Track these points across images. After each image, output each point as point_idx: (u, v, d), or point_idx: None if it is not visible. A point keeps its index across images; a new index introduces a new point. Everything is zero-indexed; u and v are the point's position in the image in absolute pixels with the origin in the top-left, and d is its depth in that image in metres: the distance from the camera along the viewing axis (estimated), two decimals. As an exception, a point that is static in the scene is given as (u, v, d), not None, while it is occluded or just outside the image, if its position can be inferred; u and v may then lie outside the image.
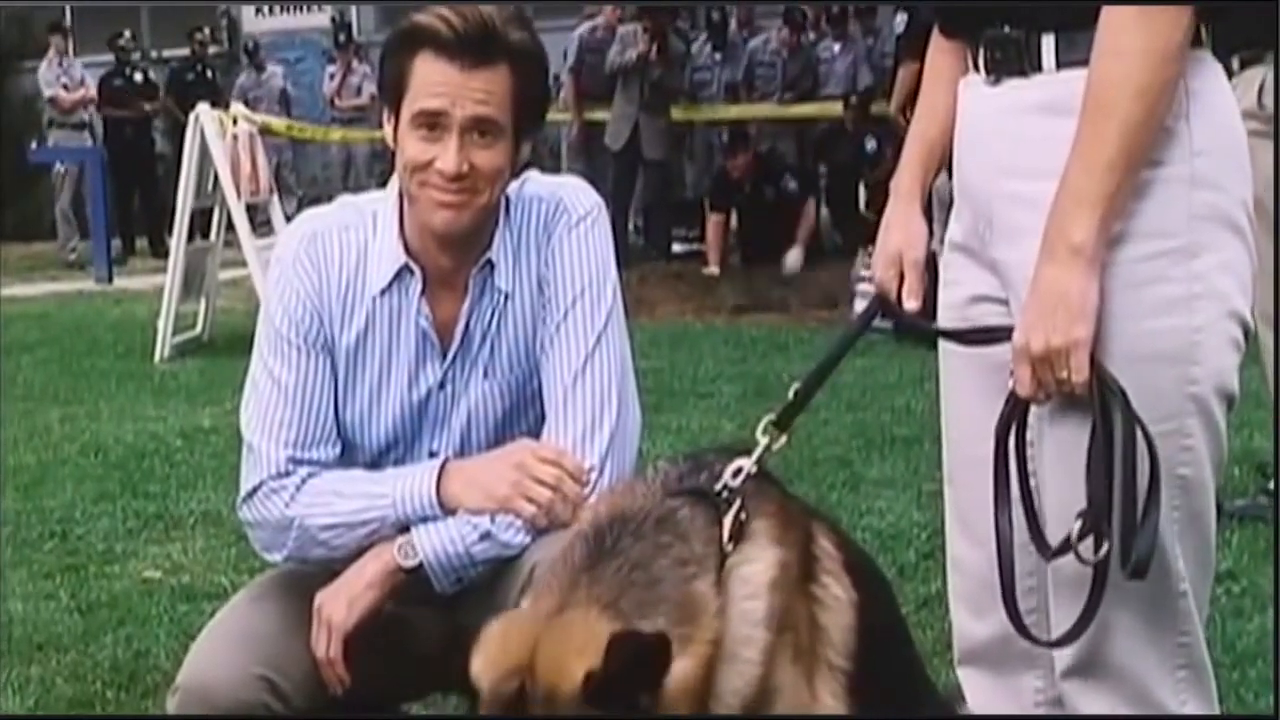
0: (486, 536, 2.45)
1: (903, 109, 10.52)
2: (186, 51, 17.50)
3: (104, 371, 8.86)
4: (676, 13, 14.66)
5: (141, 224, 16.52)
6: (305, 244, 2.58)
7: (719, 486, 2.22)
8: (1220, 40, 2.12)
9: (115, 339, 10.10)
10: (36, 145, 18.80)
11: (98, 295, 13.11)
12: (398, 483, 2.50)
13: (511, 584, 2.41)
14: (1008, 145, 2.15)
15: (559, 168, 13.18)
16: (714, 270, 12.12)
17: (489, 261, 2.55)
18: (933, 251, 2.41)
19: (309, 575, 2.58)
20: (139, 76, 16.94)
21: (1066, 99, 2.05)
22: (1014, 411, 2.15)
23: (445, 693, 3.09)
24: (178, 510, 5.52)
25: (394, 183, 2.58)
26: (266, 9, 20.21)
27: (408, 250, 2.55)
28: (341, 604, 2.47)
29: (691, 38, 14.65)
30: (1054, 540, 2.11)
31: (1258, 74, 4.43)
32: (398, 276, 2.55)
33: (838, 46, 14.52)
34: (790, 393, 2.36)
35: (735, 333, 9.73)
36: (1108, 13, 2.01)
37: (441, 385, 2.59)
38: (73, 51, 20.05)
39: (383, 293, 2.56)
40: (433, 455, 2.59)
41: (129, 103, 16.52)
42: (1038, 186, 2.06)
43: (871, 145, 11.36)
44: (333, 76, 17.23)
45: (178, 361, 9.15)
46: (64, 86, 16.11)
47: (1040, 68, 2.11)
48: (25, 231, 17.36)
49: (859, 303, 9.43)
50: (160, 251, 14.37)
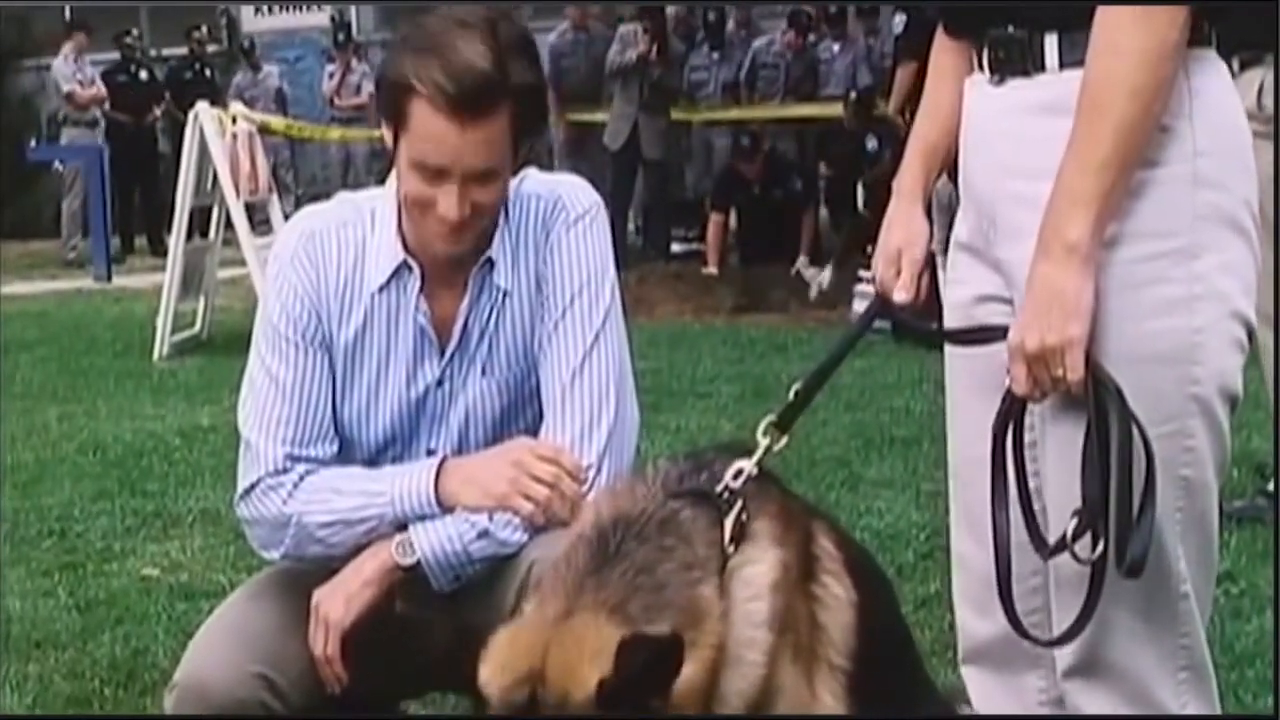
0: (484, 535, 2.45)
1: (901, 109, 10.53)
2: (185, 50, 17.50)
3: (103, 370, 8.86)
4: (680, 14, 14.66)
5: (141, 222, 16.52)
6: (303, 241, 2.57)
7: (720, 488, 2.22)
8: (1220, 42, 2.12)
9: (114, 337, 10.10)
10: (36, 143, 18.84)
11: (96, 294, 13.11)
12: (396, 481, 2.49)
13: (510, 582, 2.41)
14: (1011, 145, 2.15)
15: (552, 168, 13.15)
16: (713, 270, 12.11)
17: (489, 260, 2.54)
18: (931, 252, 2.41)
19: (306, 573, 2.57)
20: (144, 74, 16.92)
21: (1070, 99, 2.04)
22: (1011, 410, 2.15)
23: (444, 692, 3.09)
24: (176, 508, 5.52)
25: (393, 179, 2.56)
26: (265, 8, 20.20)
27: (406, 247, 2.53)
28: (339, 602, 2.46)
29: (699, 39, 14.62)
30: (1054, 539, 2.11)
31: (1257, 75, 4.43)
32: (396, 273, 2.54)
33: (837, 47, 14.52)
34: (790, 393, 2.35)
35: (734, 333, 9.73)
36: (1104, 11, 2.01)
37: (439, 383, 2.58)
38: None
39: (381, 289, 2.55)
40: (430, 453, 2.59)
41: (133, 100, 16.48)
42: (1041, 186, 2.06)
43: (872, 145, 11.35)
44: (332, 75, 17.22)
45: (176, 360, 9.15)
46: (79, 83, 16.09)
47: (1044, 67, 2.11)
48: (24, 230, 17.35)
49: (858, 303, 9.44)
50: (159, 250, 14.36)
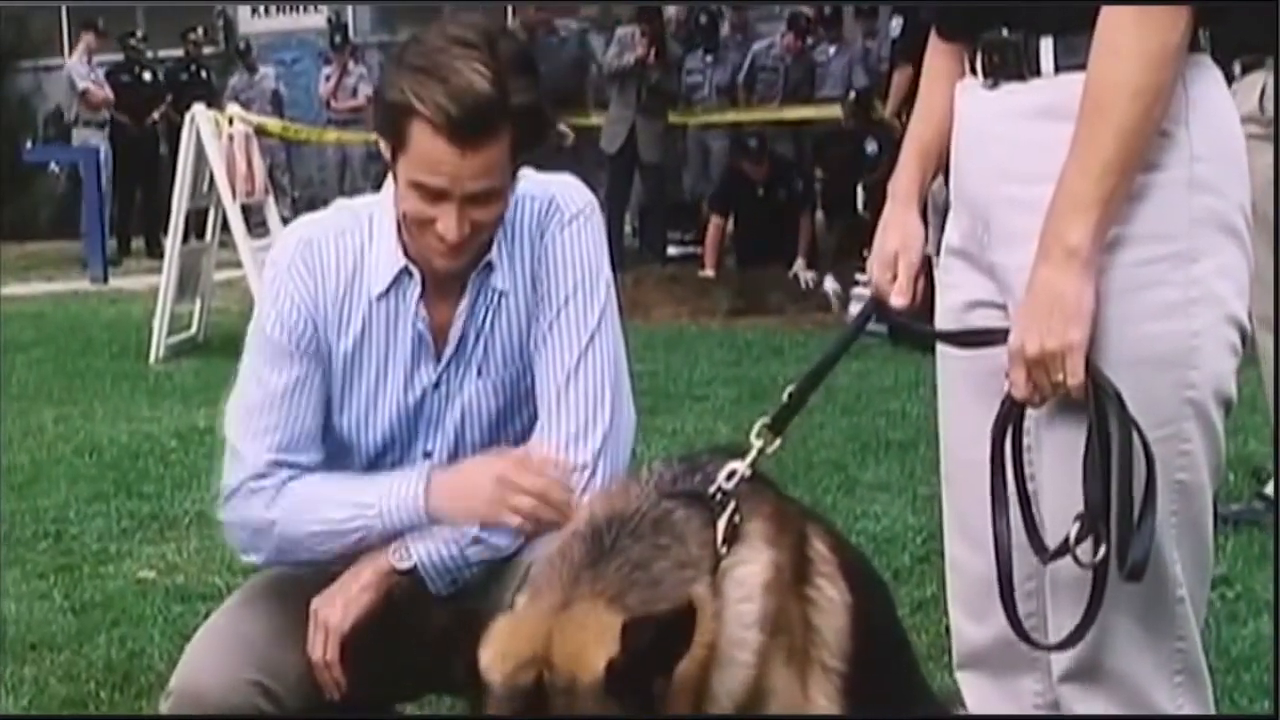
0: (479, 541, 2.46)
1: (898, 112, 10.53)
2: (181, 52, 17.48)
3: (99, 371, 8.85)
4: (679, 16, 14.65)
5: (138, 224, 16.50)
6: (301, 249, 2.56)
7: (713, 489, 2.22)
8: (1221, 45, 2.12)
9: (110, 339, 10.09)
10: (32, 144, 18.83)
11: (93, 295, 13.09)
12: (384, 493, 2.49)
13: (508, 584, 2.41)
14: (1006, 149, 2.14)
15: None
16: (710, 273, 12.11)
17: (489, 263, 2.54)
18: (927, 255, 2.41)
19: (302, 579, 2.57)
20: (147, 76, 16.90)
21: (1065, 103, 2.04)
22: (1009, 414, 2.15)
23: (440, 695, 3.09)
24: (172, 510, 5.51)
25: (389, 185, 2.55)
26: (262, 9, 20.19)
27: (407, 253, 2.53)
28: (337, 607, 2.47)
29: (697, 42, 14.61)
30: (1053, 543, 2.11)
31: (1259, 79, 4.44)
32: (396, 280, 2.53)
33: (833, 49, 14.52)
34: (785, 395, 2.35)
35: (730, 336, 9.73)
36: (1105, 14, 2.00)
37: (436, 386, 2.58)
38: (68, 51, 20.06)
39: (380, 296, 2.54)
40: (427, 455, 2.59)
41: (136, 102, 16.46)
42: (1036, 191, 2.06)
43: (872, 148, 11.34)
44: (328, 78, 17.21)
45: (173, 362, 9.14)
46: (93, 83, 16.07)
47: (1039, 71, 2.11)
48: (20, 231, 17.33)
49: (854, 306, 9.44)
50: (156, 252, 14.35)
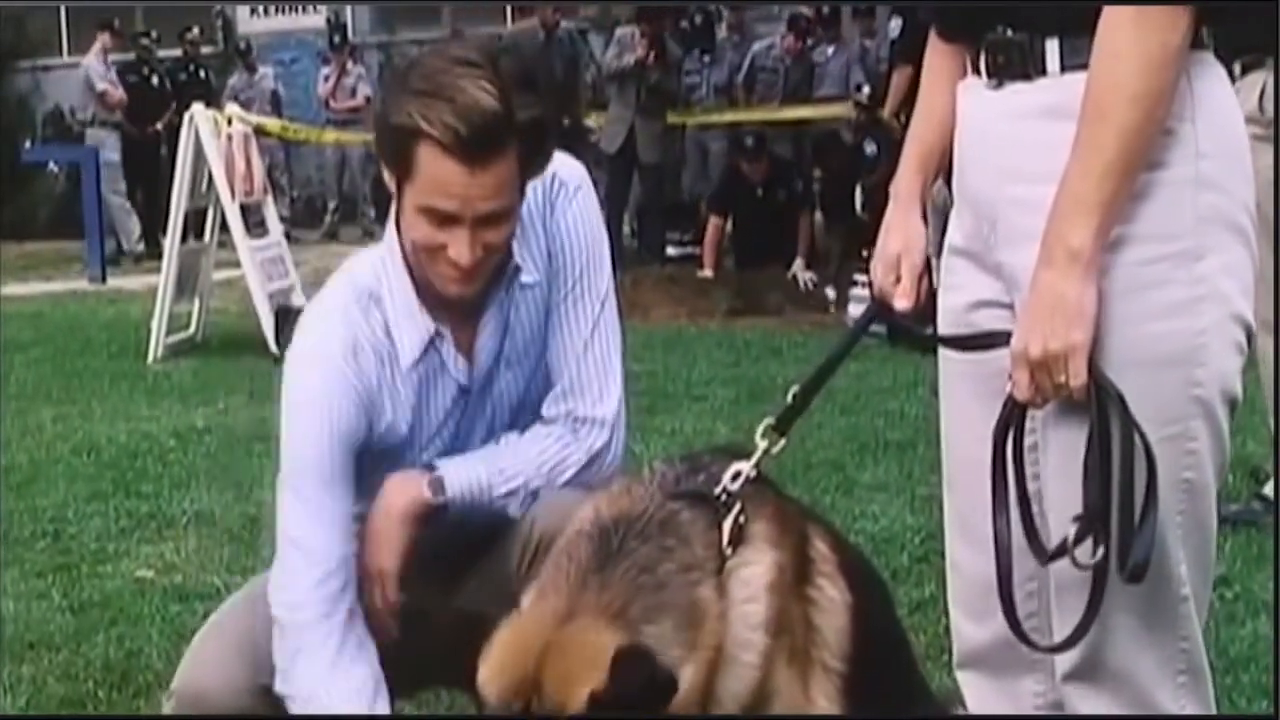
0: (510, 493, 2.53)
1: (897, 113, 10.52)
2: (179, 52, 17.47)
3: (97, 371, 8.85)
4: (675, 16, 14.64)
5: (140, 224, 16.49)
6: (346, 363, 2.47)
7: (718, 490, 2.22)
8: (1221, 45, 2.11)
9: (109, 339, 10.08)
10: (31, 144, 18.83)
11: (91, 295, 13.08)
12: None
13: (513, 550, 2.46)
14: (1012, 149, 2.14)
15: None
16: (708, 273, 12.10)
17: (515, 267, 2.54)
18: (928, 256, 2.41)
19: None
20: (155, 79, 16.87)
21: (1071, 102, 2.04)
22: (1011, 415, 2.15)
23: (438, 693, 3.09)
24: (170, 510, 5.50)
25: (391, 241, 2.51)
26: (261, 10, 20.19)
27: (432, 314, 2.51)
28: (383, 551, 2.48)
29: (691, 43, 14.60)
30: (1055, 544, 2.10)
31: (1259, 79, 4.44)
32: (428, 347, 2.52)
33: (831, 49, 14.52)
34: (789, 396, 2.35)
35: (729, 336, 9.73)
36: (1105, 16, 2.00)
37: (468, 407, 2.59)
38: (67, 51, 20.08)
39: (415, 363, 2.52)
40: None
41: (143, 102, 16.45)
42: (1043, 190, 2.05)
43: (871, 149, 11.34)
44: (327, 78, 17.21)
45: (171, 362, 9.14)
46: (110, 83, 16.06)
47: (1044, 71, 2.11)
48: (19, 230, 17.32)
49: (854, 307, 9.43)
50: (154, 252, 14.35)
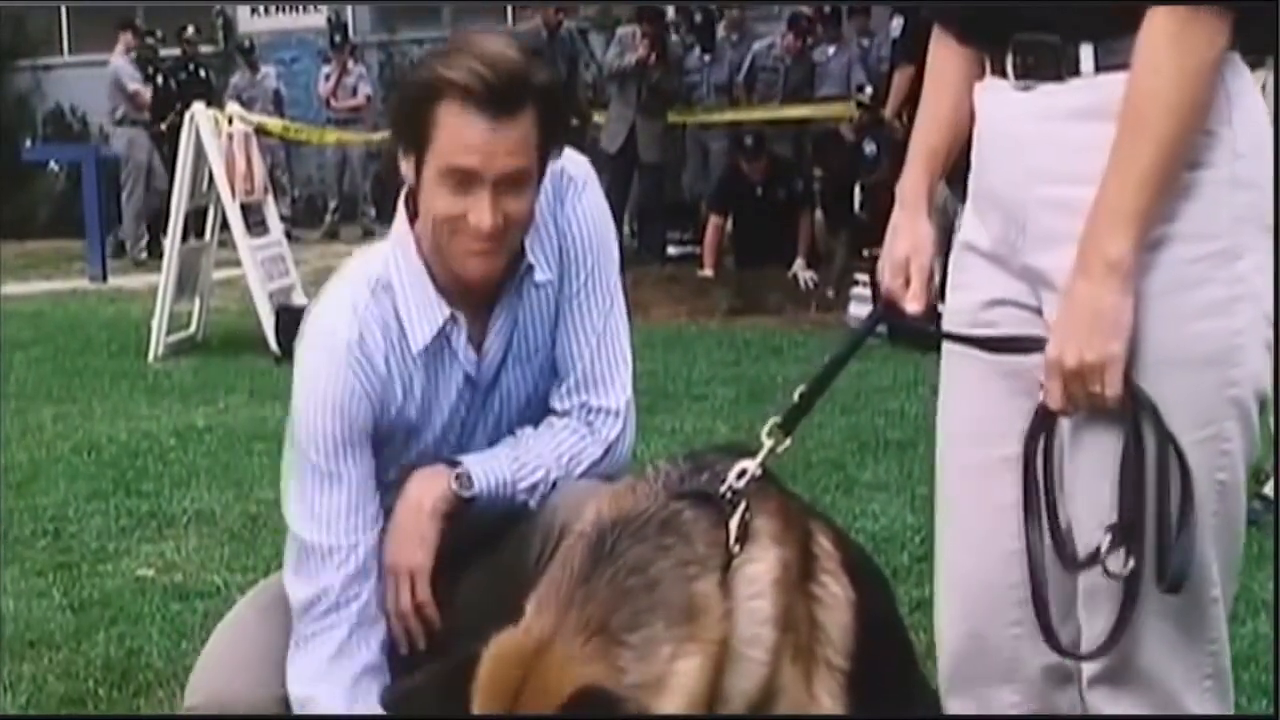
0: (533, 486, 2.55)
1: (898, 113, 10.52)
2: (178, 52, 17.46)
3: (98, 370, 8.85)
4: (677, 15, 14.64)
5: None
6: (354, 350, 2.49)
7: (723, 488, 2.22)
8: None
9: (109, 338, 10.08)
10: (31, 144, 18.82)
11: (92, 294, 13.08)
12: None
13: (534, 542, 2.47)
14: (1044, 150, 2.12)
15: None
16: (709, 273, 12.10)
17: (529, 265, 2.55)
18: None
19: None
20: (160, 78, 16.84)
21: (1106, 103, 2.03)
22: (1042, 425, 2.14)
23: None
24: (171, 509, 5.51)
25: (401, 230, 2.53)
26: (262, 9, 20.19)
27: (445, 298, 2.52)
28: (413, 547, 2.48)
29: (689, 42, 14.60)
30: (1082, 552, 2.10)
31: (1258, 78, 4.44)
32: (443, 329, 2.53)
33: (832, 49, 14.51)
34: (796, 395, 2.35)
35: (729, 335, 9.73)
36: (1146, 29, 1.99)
37: (477, 402, 2.60)
38: (67, 50, 20.07)
39: (426, 349, 2.53)
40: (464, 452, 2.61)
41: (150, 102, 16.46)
42: (1078, 192, 2.04)
43: (871, 149, 11.34)
44: (328, 77, 17.20)
45: (171, 360, 9.14)
46: (138, 83, 16.04)
47: (1078, 72, 2.09)
48: (19, 230, 17.32)
49: (854, 306, 9.44)
50: (155, 251, 14.35)
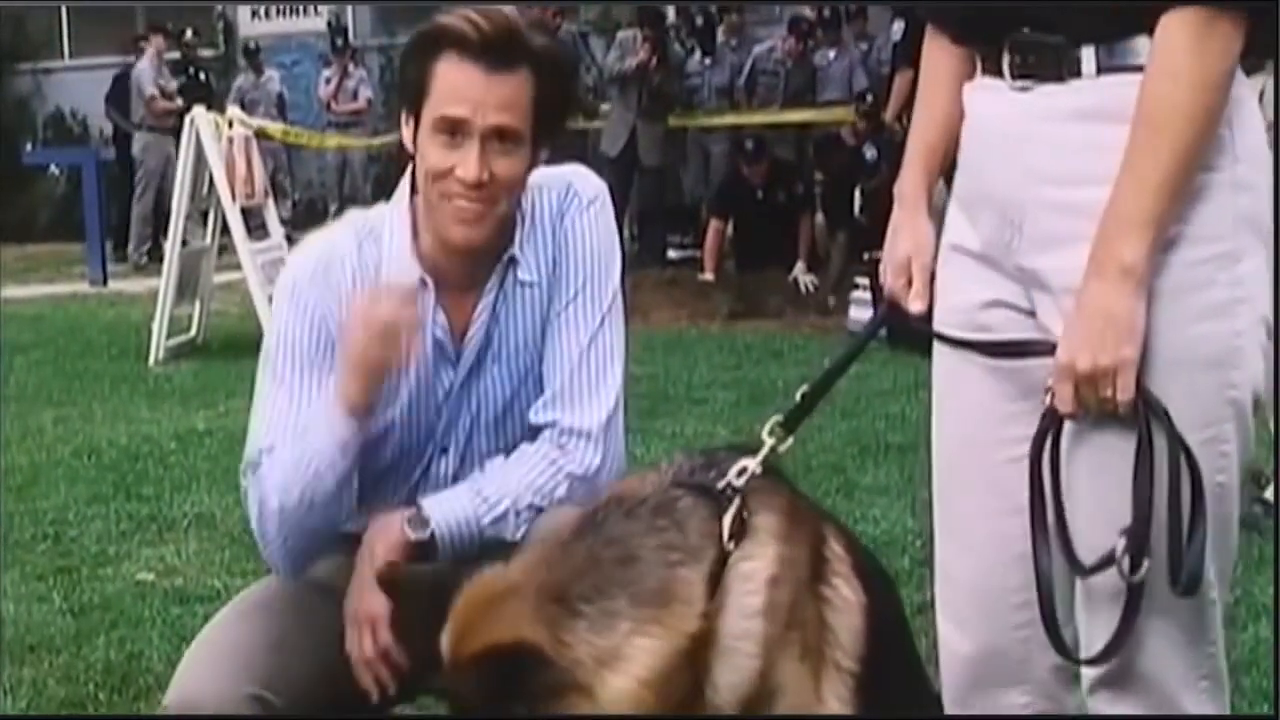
0: (499, 519, 2.49)
1: (899, 116, 10.54)
2: (178, 55, 17.47)
3: (98, 374, 8.86)
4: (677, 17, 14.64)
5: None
6: (322, 272, 2.55)
7: (722, 484, 2.23)
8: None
9: (109, 341, 10.09)
10: (32, 147, 18.84)
11: (92, 297, 13.09)
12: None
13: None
14: (1045, 151, 2.11)
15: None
16: (709, 277, 12.11)
17: (512, 257, 2.56)
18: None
19: (296, 590, 2.59)
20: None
21: (1110, 105, 2.03)
22: (1049, 429, 2.13)
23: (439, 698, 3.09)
24: (171, 513, 5.51)
25: (402, 192, 2.57)
26: (263, 12, 20.20)
27: (422, 262, 2.54)
28: (370, 595, 2.46)
29: (690, 46, 14.60)
30: (1086, 557, 2.10)
31: (1258, 82, 4.44)
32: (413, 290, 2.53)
33: (833, 53, 14.51)
34: (799, 395, 2.35)
35: (730, 339, 9.74)
36: (1162, 37, 1.99)
37: (455, 389, 2.60)
38: (68, 53, 20.07)
39: None
40: (444, 451, 2.61)
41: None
42: (1079, 193, 2.05)
43: (871, 154, 11.35)
44: (329, 81, 17.20)
45: (172, 364, 9.15)
46: (160, 88, 16.03)
47: (1079, 74, 2.08)
48: (20, 233, 17.35)
49: (854, 310, 9.44)
50: (155, 254, 14.36)
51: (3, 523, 5.41)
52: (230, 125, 9.45)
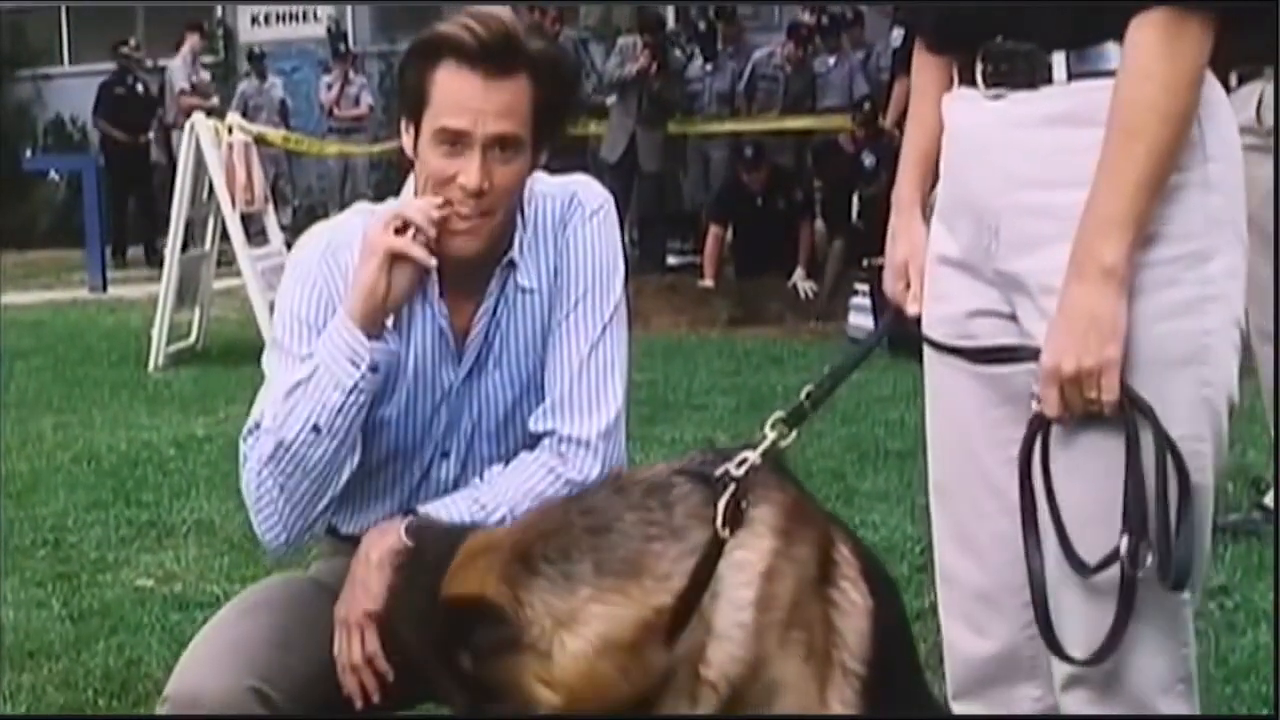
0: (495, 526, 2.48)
1: (898, 122, 10.54)
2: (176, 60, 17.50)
3: (98, 380, 8.86)
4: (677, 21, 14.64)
5: (135, 233, 16.49)
6: (329, 253, 2.57)
7: (719, 472, 2.23)
8: (1218, 55, 2.12)
9: (109, 347, 10.09)
10: (32, 153, 18.85)
11: (92, 303, 13.09)
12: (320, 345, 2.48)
13: None
14: (1017, 156, 2.14)
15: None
16: (709, 283, 12.11)
17: (511, 261, 2.56)
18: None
19: (298, 587, 2.60)
20: (140, 87, 16.86)
21: (1081, 109, 2.06)
22: (1036, 432, 2.14)
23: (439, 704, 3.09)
24: (171, 519, 5.50)
25: (409, 189, 2.58)
26: (262, 19, 20.21)
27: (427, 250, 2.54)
28: (360, 599, 2.46)
29: (689, 52, 14.61)
30: (1086, 556, 2.10)
31: (1255, 89, 4.44)
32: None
33: (832, 60, 14.52)
34: (804, 395, 2.35)
35: (730, 345, 9.75)
36: (1134, 38, 2.01)
37: (457, 390, 2.60)
38: (68, 60, 20.08)
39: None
40: (444, 455, 2.61)
41: (129, 113, 16.45)
42: (1052, 197, 2.07)
43: (870, 160, 11.36)
44: (329, 86, 17.20)
45: (171, 370, 9.15)
46: (193, 86, 16.04)
47: (1050, 80, 2.11)
48: (20, 239, 17.35)
49: (854, 316, 9.44)
50: (154, 260, 14.36)
51: (2, 528, 5.41)
52: (230, 131, 9.45)
